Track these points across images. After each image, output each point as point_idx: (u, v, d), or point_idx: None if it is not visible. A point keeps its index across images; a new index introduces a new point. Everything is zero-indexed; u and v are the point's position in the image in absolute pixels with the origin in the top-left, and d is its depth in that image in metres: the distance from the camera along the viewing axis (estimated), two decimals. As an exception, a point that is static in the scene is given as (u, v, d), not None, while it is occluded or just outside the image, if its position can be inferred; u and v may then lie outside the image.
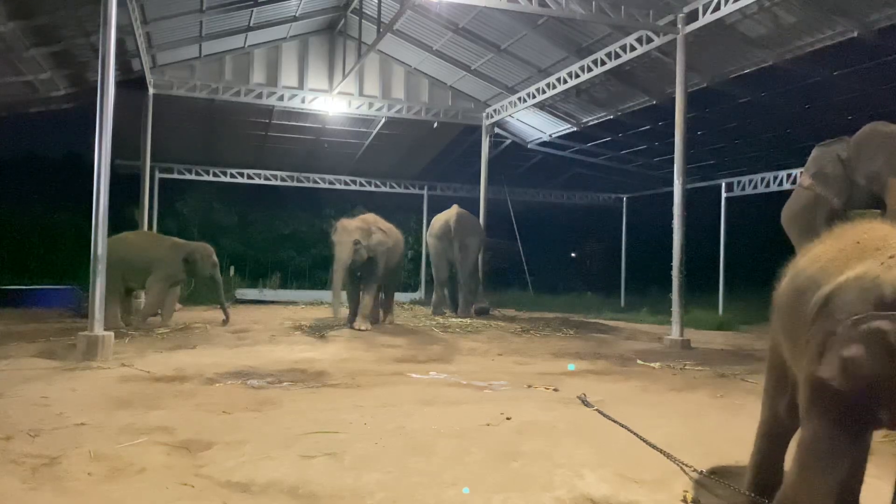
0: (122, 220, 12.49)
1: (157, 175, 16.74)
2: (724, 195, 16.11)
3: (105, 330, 7.11)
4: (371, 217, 10.60)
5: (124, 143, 10.59)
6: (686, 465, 3.47)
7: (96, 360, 6.73)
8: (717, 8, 8.74)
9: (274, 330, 9.89)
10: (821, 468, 2.41)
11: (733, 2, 8.48)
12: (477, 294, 12.96)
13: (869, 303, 2.16)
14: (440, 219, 12.98)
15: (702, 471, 3.39)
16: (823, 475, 2.42)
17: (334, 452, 3.69)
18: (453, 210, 12.98)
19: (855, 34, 8.73)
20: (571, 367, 7.25)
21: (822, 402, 2.37)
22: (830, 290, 2.33)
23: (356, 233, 9.90)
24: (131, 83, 12.32)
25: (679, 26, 9.28)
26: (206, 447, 3.79)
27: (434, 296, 13.02)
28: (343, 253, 9.80)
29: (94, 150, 7.19)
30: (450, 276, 12.80)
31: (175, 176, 17.89)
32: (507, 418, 4.56)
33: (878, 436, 3.94)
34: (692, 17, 9.18)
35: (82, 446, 3.71)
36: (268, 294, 16.87)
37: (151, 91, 13.08)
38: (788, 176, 14.57)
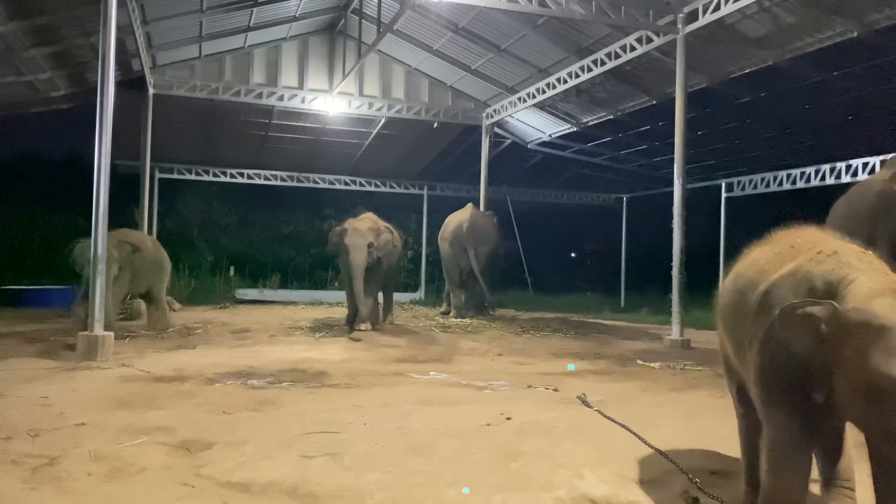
0: (121, 220, 12.47)
1: (157, 175, 16.72)
2: (724, 195, 16.10)
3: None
4: (374, 217, 10.58)
5: (124, 144, 10.59)
6: (683, 466, 3.47)
7: (96, 360, 6.74)
8: (717, 8, 8.73)
9: (274, 330, 9.90)
10: (788, 464, 2.51)
11: (733, 2, 8.47)
12: (484, 304, 12.72)
13: (801, 294, 2.36)
14: (453, 221, 12.59)
15: (701, 471, 3.40)
16: (792, 470, 2.51)
17: (334, 452, 3.69)
18: (467, 213, 12.64)
19: (855, 34, 8.71)
20: (571, 367, 7.25)
21: (772, 394, 2.51)
22: (766, 287, 2.52)
23: (370, 235, 9.82)
24: (131, 83, 12.32)
25: (679, 26, 9.27)
26: (206, 447, 3.80)
27: (453, 299, 12.53)
28: (360, 258, 9.64)
29: (93, 150, 7.20)
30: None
31: (175, 176, 17.87)
32: (507, 418, 4.56)
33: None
34: (692, 17, 9.17)
35: (82, 446, 3.72)
36: (268, 294, 16.85)
37: (151, 91, 13.07)
38: (788, 176, 14.56)
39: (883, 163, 7.89)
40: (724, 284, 3.07)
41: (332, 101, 14.47)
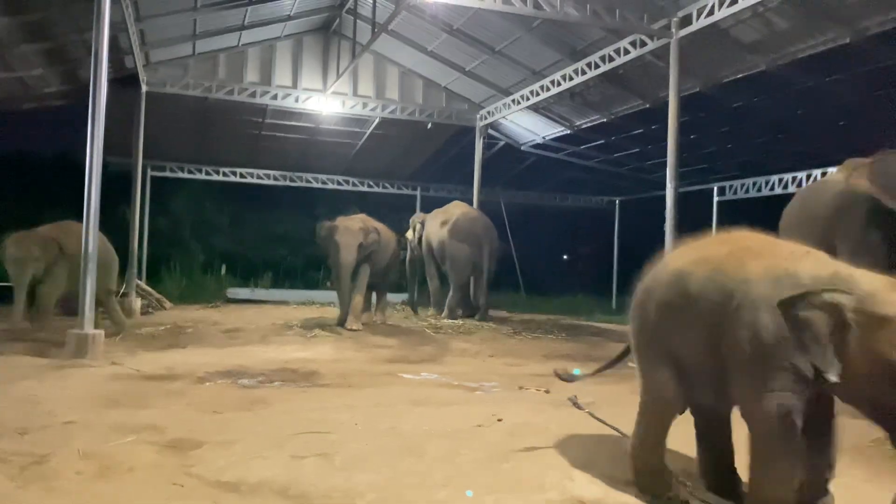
0: (113, 217, 12.41)
1: (149, 173, 16.62)
2: (715, 199, 16.18)
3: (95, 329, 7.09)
4: (365, 217, 10.58)
5: (116, 141, 10.50)
6: (673, 468, 3.48)
7: (86, 358, 6.70)
8: (711, 13, 8.76)
9: (265, 329, 9.85)
10: (787, 454, 2.62)
11: (727, 6, 8.50)
12: (480, 304, 12.60)
13: (788, 289, 2.53)
14: (463, 219, 12.23)
15: (691, 473, 3.40)
16: (789, 460, 2.63)
17: (325, 453, 3.69)
18: (474, 211, 12.57)
19: (847, 40, 8.76)
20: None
21: (771, 384, 2.59)
22: (742, 284, 2.68)
23: (360, 235, 9.86)
24: (124, 80, 12.24)
25: (673, 30, 9.30)
26: (197, 446, 3.78)
27: (450, 300, 12.21)
28: (349, 256, 9.71)
29: (86, 148, 7.16)
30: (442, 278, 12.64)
31: (167, 174, 17.78)
32: (499, 420, 4.56)
33: (867, 439, 3.98)
34: (686, 21, 9.20)
35: (71, 445, 3.70)
36: (259, 293, 16.78)
37: (144, 89, 12.99)
38: (780, 180, 14.65)
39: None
40: (656, 288, 3.09)
41: (325, 100, 14.44)
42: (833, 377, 2.40)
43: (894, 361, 2.29)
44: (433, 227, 12.59)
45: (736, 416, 3.12)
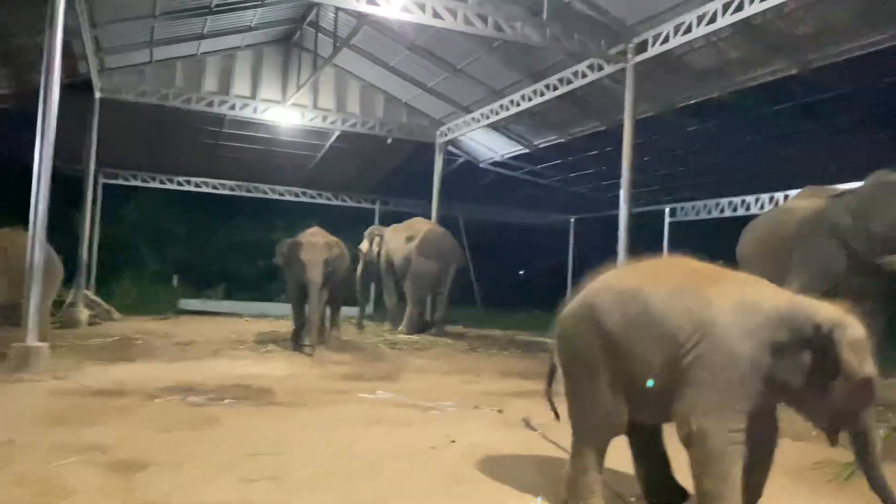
0: (61, 225, 12.04)
1: (101, 180, 16.26)
2: (667, 220, 16.57)
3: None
4: (323, 231, 10.46)
5: (67, 147, 10.18)
6: (625, 492, 3.53)
7: (29, 372, 6.47)
8: (666, 40, 9.02)
9: (218, 343, 9.69)
10: (734, 474, 2.74)
11: (681, 35, 8.76)
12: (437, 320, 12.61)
13: (758, 317, 2.77)
14: (431, 236, 12.26)
15: (642, 497, 3.46)
16: (737, 478, 2.74)
17: (277, 475, 3.64)
18: (440, 228, 12.69)
19: (794, 72, 9.15)
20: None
21: (732, 401, 2.75)
22: (705, 310, 2.84)
23: (325, 250, 9.70)
24: (77, 86, 11.92)
25: (629, 56, 9.55)
26: (143, 468, 3.69)
27: (411, 315, 12.17)
28: (318, 274, 9.49)
29: (34, 153, 6.96)
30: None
31: (120, 182, 17.43)
32: (452, 441, 4.56)
33: (809, 464, 4.10)
34: (641, 48, 9.45)
35: (8, 466, 3.58)
36: (212, 305, 16.49)
37: (98, 95, 12.71)
38: (730, 203, 15.10)
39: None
40: (604, 307, 3.14)
41: (284, 112, 14.34)
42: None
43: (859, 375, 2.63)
44: (396, 242, 12.54)
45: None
